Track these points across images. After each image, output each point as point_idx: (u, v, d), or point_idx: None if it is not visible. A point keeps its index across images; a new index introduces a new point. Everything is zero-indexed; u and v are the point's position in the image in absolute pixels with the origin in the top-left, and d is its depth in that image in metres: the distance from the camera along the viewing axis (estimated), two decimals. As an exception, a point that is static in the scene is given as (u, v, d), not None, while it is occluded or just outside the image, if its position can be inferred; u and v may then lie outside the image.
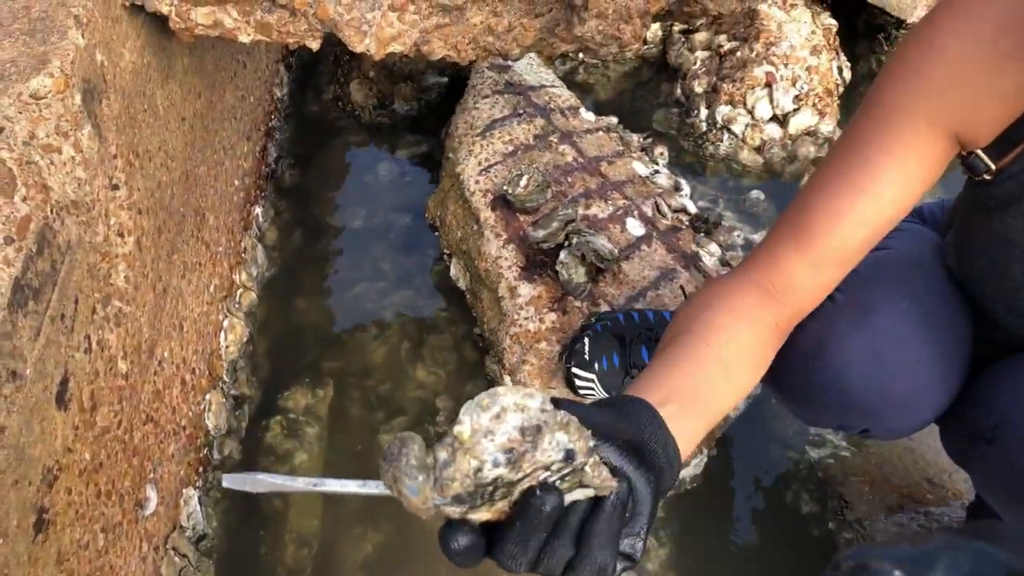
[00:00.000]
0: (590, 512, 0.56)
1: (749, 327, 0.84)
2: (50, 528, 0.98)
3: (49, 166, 1.05)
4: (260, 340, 1.70)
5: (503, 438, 0.50)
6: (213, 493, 1.47)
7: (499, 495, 0.53)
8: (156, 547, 1.27)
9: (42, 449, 0.97)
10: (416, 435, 0.52)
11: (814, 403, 0.99)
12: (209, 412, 1.46)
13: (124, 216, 1.20)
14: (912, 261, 1.00)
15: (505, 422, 0.51)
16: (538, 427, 0.51)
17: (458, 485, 0.51)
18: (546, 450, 0.52)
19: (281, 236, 1.87)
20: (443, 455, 0.51)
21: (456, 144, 1.65)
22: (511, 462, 0.51)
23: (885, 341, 0.92)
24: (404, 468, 0.51)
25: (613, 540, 0.56)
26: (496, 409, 0.51)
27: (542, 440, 0.51)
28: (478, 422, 0.50)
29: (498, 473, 0.51)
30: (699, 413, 0.74)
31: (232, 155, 1.69)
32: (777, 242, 0.88)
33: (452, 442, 0.51)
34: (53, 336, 1.00)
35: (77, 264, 1.07)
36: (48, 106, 1.06)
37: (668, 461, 0.64)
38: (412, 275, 1.84)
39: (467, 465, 0.50)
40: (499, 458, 0.51)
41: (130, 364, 1.20)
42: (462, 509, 0.52)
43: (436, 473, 0.51)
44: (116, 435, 1.16)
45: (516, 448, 0.51)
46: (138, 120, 1.26)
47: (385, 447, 0.51)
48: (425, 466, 0.51)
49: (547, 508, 0.53)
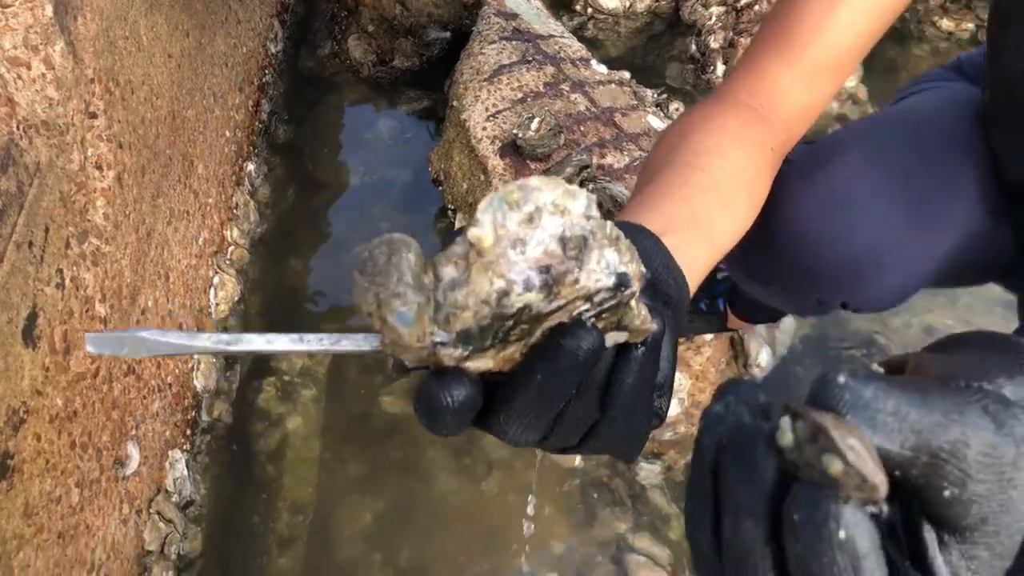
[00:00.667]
0: (616, 363, 0.41)
1: (739, 149, 0.69)
2: (15, 476, 0.88)
3: (16, 80, 0.95)
4: (252, 299, 1.60)
5: (538, 250, 0.36)
6: (201, 457, 1.37)
7: (515, 335, 0.38)
8: (139, 510, 1.17)
9: (6, 387, 0.87)
10: (409, 237, 0.36)
11: (779, 277, 0.89)
12: (198, 371, 1.36)
13: (103, 147, 1.11)
14: (911, 117, 0.89)
15: (541, 228, 0.36)
16: (584, 239, 0.36)
17: (470, 315, 0.36)
18: (593, 272, 0.37)
19: (275, 194, 1.77)
20: (450, 271, 0.36)
21: (461, 91, 1.56)
22: (547, 286, 0.36)
23: (835, 195, 0.82)
24: (394, 285, 0.35)
25: (648, 398, 0.43)
26: (529, 208, 0.36)
27: (589, 258, 0.37)
28: (504, 224, 0.35)
29: (527, 300, 0.36)
30: (702, 243, 0.59)
31: (223, 104, 1.59)
32: (759, 55, 0.74)
33: (465, 252, 0.36)
34: (19, 264, 0.90)
35: (48, 190, 0.97)
36: (16, 15, 0.96)
37: (680, 297, 0.50)
38: (413, 233, 1.70)
39: (487, 286, 0.35)
40: (532, 278, 0.36)
41: (109, 308, 1.10)
42: (463, 352, 0.37)
43: (440, 297, 0.36)
44: (93, 383, 1.06)
45: (555, 266, 0.36)
46: (118, 47, 1.17)
47: (359, 253, 0.36)
48: (423, 286, 0.36)
49: (582, 354, 0.38)
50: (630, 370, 0.41)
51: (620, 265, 0.37)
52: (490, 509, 1.38)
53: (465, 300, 0.35)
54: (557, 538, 1.33)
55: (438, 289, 0.36)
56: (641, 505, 1.33)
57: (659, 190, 0.62)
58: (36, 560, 0.92)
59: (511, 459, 1.42)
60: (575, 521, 1.34)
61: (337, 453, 1.44)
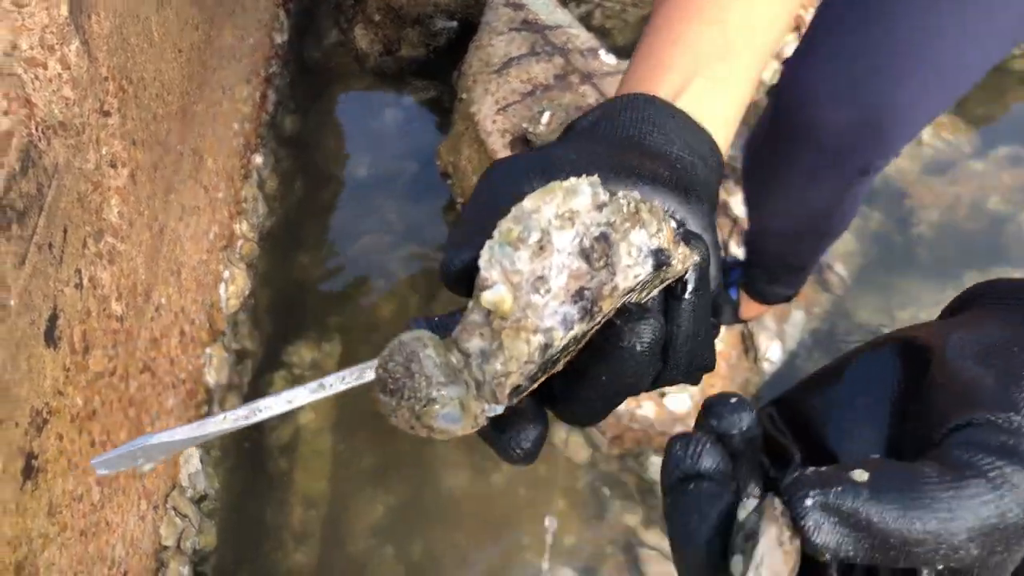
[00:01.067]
0: (667, 312, 0.38)
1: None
2: (39, 475, 0.89)
3: (33, 80, 0.95)
4: (262, 293, 1.60)
5: (562, 279, 0.32)
6: (214, 452, 1.38)
7: (566, 354, 0.35)
8: (155, 505, 1.18)
9: (30, 389, 0.87)
10: (419, 331, 0.33)
11: (798, 159, 0.96)
12: (210, 366, 1.37)
13: (117, 145, 1.10)
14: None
15: (555, 251, 0.32)
16: (605, 237, 0.33)
17: (517, 376, 0.32)
18: (628, 268, 0.33)
19: (282, 186, 1.77)
20: (477, 344, 0.33)
21: (470, 83, 1.55)
22: (586, 311, 0.32)
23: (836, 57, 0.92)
24: (425, 392, 0.32)
25: (707, 330, 0.39)
26: (535, 237, 0.32)
27: (618, 256, 0.33)
28: (516, 269, 0.32)
29: (572, 335, 0.32)
30: (732, 85, 0.50)
31: (231, 97, 1.58)
32: None
33: (485, 319, 0.32)
34: (40, 266, 0.90)
35: (66, 190, 0.97)
36: (32, 15, 0.95)
37: (711, 170, 0.43)
38: (421, 226, 1.74)
39: (525, 347, 0.32)
40: (569, 314, 0.32)
41: (125, 306, 1.10)
42: (520, 397, 0.34)
43: (477, 375, 0.33)
44: (110, 382, 1.06)
45: (587, 286, 0.32)
46: (131, 44, 1.16)
47: (375, 371, 0.33)
48: (454, 373, 0.32)
49: (641, 347, 0.35)
50: (685, 317, 0.38)
51: (652, 241, 0.33)
52: (501, 503, 1.39)
53: (506, 368, 0.32)
54: (569, 531, 1.34)
55: (471, 367, 0.33)
56: (651, 499, 1.35)
57: (670, 37, 0.50)
58: (60, 558, 0.92)
59: (521, 452, 1.43)
60: (587, 515, 1.35)
61: (349, 447, 1.45)
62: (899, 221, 1.70)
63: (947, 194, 1.73)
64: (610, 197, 0.33)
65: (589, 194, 0.33)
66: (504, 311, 0.32)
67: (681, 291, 0.37)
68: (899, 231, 1.68)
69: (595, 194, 0.33)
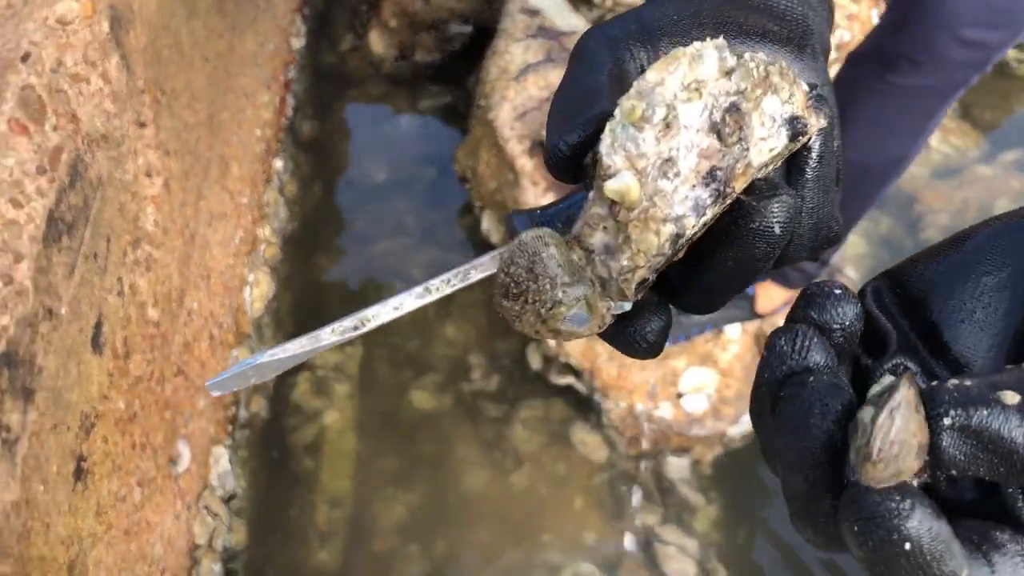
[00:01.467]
0: (791, 176, 0.34)
1: None
2: (88, 477, 0.92)
3: (78, 96, 0.98)
4: (283, 296, 1.63)
5: (692, 159, 0.29)
6: (241, 451, 1.41)
7: (689, 241, 0.32)
8: (188, 505, 1.21)
9: (79, 394, 0.90)
10: (539, 230, 0.31)
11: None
12: (237, 368, 1.40)
13: (152, 156, 1.13)
14: None
15: (683, 128, 0.29)
16: (736, 107, 0.29)
17: (644, 271, 0.30)
18: (763, 140, 0.30)
19: (301, 190, 1.80)
20: (600, 238, 0.30)
21: (488, 89, 1.59)
22: (718, 193, 0.30)
23: None
24: (550, 295, 0.30)
25: (835, 202, 0.36)
26: (660, 113, 0.29)
27: (751, 127, 0.29)
28: (641, 152, 0.28)
29: (704, 221, 0.30)
30: None
31: (253, 103, 1.61)
32: None
33: (608, 212, 0.30)
34: (87, 275, 0.93)
35: (108, 201, 1.00)
36: (75, 32, 0.98)
37: (822, 20, 0.38)
38: (438, 229, 1.77)
39: (655, 239, 0.29)
40: (701, 197, 0.29)
41: (160, 312, 1.14)
42: (644, 291, 0.32)
43: (602, 272, 0.31)
44: (149, 386, 1.09)
45: (718, 165, 0.29)
46: (164, 56, 1.19)
47: (498, 278, 0.31)
48: (578, 271, 0.30)
49: (779, 227, 0.31)
50: (811, 189, 0.34)
51: (785, 108, 0.30)
52: (521, 501, 1.43)
53: (633, 263, 0.30)
54: (588, 529, 1.38)
55: (595, 264, 0.31)
56: (669, 498, 1.38)
57: None
58: (107, 556, 0.96)
59: (539, 453, 1.47)
60: (605, 513, 1.39)
61: (371, 447, 1.48)
62: (909, 225, 1.73)
63: (955, 198, 1.76)
64: (737, 61, 0.30)
65: (715, 59, 0.29)
66: (631, 201, 0.29)
67: (806, 160, 0.34)
68: (909, 235, 1.71)
69: (722, 59, 0.29)
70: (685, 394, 1.32)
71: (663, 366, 1.32)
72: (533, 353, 1.51)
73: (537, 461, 1.46)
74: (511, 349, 1.57)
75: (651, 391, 1.35)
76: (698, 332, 1.33)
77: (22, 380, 0.80)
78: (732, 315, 1.37)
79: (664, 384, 1.32)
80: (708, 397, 1.33)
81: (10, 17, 0.97)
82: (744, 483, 1.40)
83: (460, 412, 1.52)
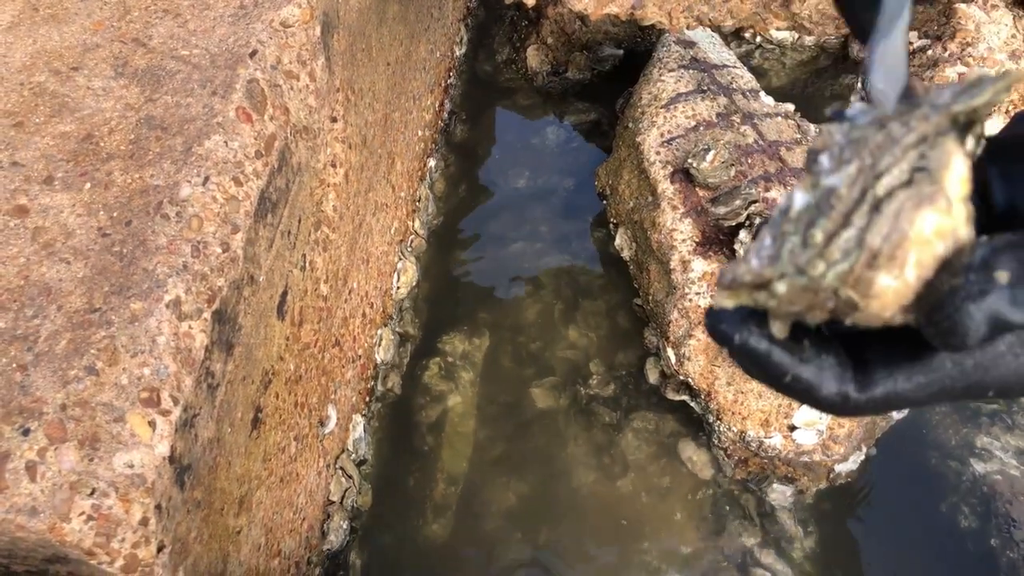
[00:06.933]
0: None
1: None
2: (261, 427, 1.05)
3: (289, 91, 1.11)
4: (423, 285, 1.76)
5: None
6: (374, 422, 1.54)
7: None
8: (328, 464, 1.34)
9: (263, 353, 1.04)
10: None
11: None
12: (379, 346, 1.53)
13: (338, 148, 1.27)
14: None
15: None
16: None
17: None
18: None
19: (448, 188, 1.92)
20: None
21: (638, 114, 1.66)
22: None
23: None
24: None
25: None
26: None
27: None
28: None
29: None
30: None
31: (419, 105, 1.74)
32: None
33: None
34: (281, 250, 1.06)
35: (303, 186, 1.13)
36: (294, 34, 1.12)
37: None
38: (570, 239, 1.86)
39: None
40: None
41: (329, 288, 1.27)
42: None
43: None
44: (312, 352, 1.22)
45: None
46: (357, 59, 1.32)
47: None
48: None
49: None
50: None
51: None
52: (624, 506, 1.50)
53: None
54: (686, 542, 1.44)
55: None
56: (769, 524, 1.43)
57: None
58: (266, 498, 1.09)
59: (647, 463, 1.54)
60: (705, 529, 1.45)
61: (489, 434, 1.59)
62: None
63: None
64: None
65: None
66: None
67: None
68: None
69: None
70: (798, 427, 1.36)
71: (779, 398, 1.36)
72: (652, 368, 1.58)
73: (643, 470, 1.53)
74: (630, 361, 1.64)
75: (764, 420, 1.40)
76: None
77: (227, 335, 0.93)
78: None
79: (778, 415, 1.37)
80: (819, 433, 1.37)
81: (242, 17, 1.12)
82: (845, 521, 1.43)
83: (574, 413, 1.61)
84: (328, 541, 1.34)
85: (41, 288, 0.84)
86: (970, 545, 1.38)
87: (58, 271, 0.86)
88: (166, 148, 0.96)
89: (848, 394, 0.34)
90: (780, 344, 0.34)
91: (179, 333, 0.84)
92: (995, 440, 1.46)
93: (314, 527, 1.30)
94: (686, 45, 1.80)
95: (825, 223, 0.32)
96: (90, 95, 1.02)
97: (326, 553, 1.34)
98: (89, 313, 0.83)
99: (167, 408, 0.80)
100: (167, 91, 1.02)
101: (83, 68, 1.04)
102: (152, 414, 0.79)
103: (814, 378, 0.34)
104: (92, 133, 0.98)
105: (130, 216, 0.90)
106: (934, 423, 1.51)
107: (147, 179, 0.93)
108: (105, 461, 0.76)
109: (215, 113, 0.99)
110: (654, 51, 1.81)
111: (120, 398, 0.78)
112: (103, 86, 1.02)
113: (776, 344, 0.34)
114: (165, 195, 0.91)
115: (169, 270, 0.86)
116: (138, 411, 0.78)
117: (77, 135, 0.97)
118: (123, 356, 0.80)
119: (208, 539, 0.92)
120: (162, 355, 0.81)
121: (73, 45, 1.07)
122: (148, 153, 0.96)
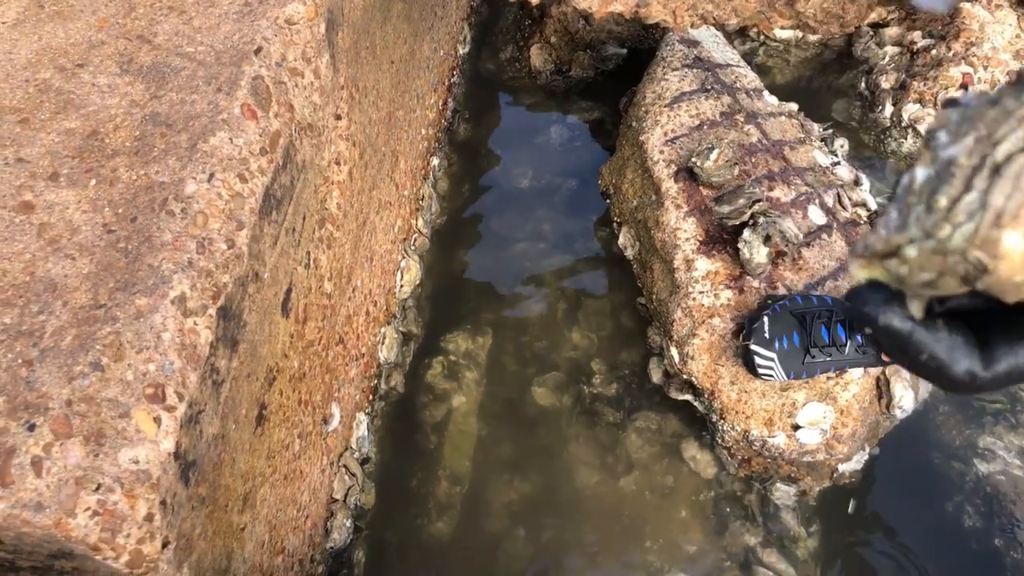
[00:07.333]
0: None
1: None
2: (265, 424, 1.05)
3: (294, 88, 1.11)
4: (426, 283, 1.76)
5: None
6: (377, 420, 1.54)
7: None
8: (332, 462, 1.34)
9: (268, 350, 1.04)
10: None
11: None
12: (383, 344, 1.53)
13: (342, 146, 1.27)
14: None
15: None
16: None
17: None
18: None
19: (452, 187, 1.92)
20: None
21: (642, 112, 1.66)
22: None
23: None
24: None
25: None
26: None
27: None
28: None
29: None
30: None
31: (422, 104, 1.74)
32: None
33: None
34: (286, 247, 1.06)
35: (307, 184, 1.13)
36: (298, 31, 1.12)
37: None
38: (573, 238, 1.86)
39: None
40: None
41: (333, 286, 1.27)
42: None
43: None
44: (316, 350, 1.22)
45: None
46: (361, 56, 1.32)
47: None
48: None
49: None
50: None
51: None
52: (627, 504, 1.50)
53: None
54: (689, 541, 1.44)
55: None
56: (772, 523, 1.43)
57: None
58: (270, 495, 1.09)
59: (650, 462, 1.54)
60: (708, 528, 1.44)
61: (492, 433, 1.59)
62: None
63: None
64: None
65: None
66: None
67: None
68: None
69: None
70: (801, 427, 1.36)
71: (783, 397, 1.36)
72: (655, 367, 1.58)
73: (647, 469, 1.52)
74: (633, 360, 1.64)
75: (767, 420, 1.40)
76: (821, 372, 1.37)
77: (232, 331, 0.93)
78: (859, 360, 1.40)
79: (781, 415, 1.37)
80: (823, 432, 1.37)
81: (247, 14, 1.12)
82: (847, 520, 1.43)
83: (577, 412, 1.61)
84: (331, 539, 1.34)
85: (47, 284, 0.84)
86: (973, 545, 1.38)
87: (63, 267, 0.86)
88: (171, 145, 0.96)
89: (976, 372, 0.38)
90: (920, 323, 0.37)
91: (184, 329, 0.84)
92: (998, 440, 1.45)
93: (318, 525, 1.30)
94: (690, 44, 1.80)
95: (948, 189, 0.34)
96: (95, 92, 1.02)
97: (329, 551, 1.34)
98: (94, 309, 0.83)
99: (172, 404, 0.80)
100: (172, 88, 1.02)
101: (88, 65, 1.05)
102: (157, 410, 0.79)
103: (947, 356, 0.38)
104: (97, 130, 0.98)
105: (135, 212, 0.90)
106: (937, 423, 1.50)
107: (152, 176, 0.93)
108: (110, 457, 0.76)
109: (220, 110, 0.99)
110: (658, 50, 1.81)
111: (125, 394, 0.78)
112: (108, 83, 1.02)
113: (917, 323, 0.37)
114: (170, 191, 0.91)
115: (174, 266, 0.86)
116: (143, 407, 0.78)
117: (82, 132, 0.98)
118: (128, 352, 0.80)
119: (212, 535, 0.92)
120: (167, 351, 0.81)
121: (78, 42, 1.07)
122: (153, 150, 0.96)
